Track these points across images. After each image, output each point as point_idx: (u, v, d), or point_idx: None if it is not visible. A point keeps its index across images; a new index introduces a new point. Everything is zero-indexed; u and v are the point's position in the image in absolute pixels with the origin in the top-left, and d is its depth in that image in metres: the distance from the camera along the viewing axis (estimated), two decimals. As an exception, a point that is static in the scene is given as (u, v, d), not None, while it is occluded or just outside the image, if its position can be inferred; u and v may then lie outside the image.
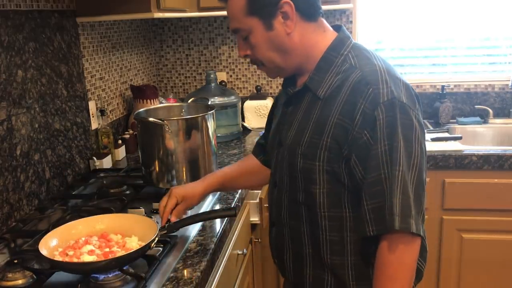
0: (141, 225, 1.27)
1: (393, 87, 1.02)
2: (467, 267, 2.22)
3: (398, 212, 0.97)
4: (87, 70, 2.03)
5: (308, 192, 1.11)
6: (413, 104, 1.04)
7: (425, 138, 1.07)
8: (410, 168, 1.00)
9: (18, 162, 1.56)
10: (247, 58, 1.18)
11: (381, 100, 1.00)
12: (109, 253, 1.16)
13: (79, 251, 1.17)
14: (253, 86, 2.84)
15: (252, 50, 1.14)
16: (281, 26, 1.09)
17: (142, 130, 1.71)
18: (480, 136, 2.56)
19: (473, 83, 2.65)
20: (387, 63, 1.10)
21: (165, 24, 2.83)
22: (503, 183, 2.11)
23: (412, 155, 1.00)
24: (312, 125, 1.09)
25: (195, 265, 1.23)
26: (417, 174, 1.01)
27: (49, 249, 1.17)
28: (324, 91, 1.09)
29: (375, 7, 2.67)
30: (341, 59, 1.10)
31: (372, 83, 1.02)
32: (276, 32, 1.09)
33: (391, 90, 1.01)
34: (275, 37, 1.10)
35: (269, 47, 1.11)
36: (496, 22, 2.59)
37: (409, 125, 1.01)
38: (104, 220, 1.30)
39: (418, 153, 1.01)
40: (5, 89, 1.51)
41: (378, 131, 0.99)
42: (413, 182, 1.00)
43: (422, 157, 1.03)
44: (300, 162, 1.10)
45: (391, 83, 1.02)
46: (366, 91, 1.01)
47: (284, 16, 1.08)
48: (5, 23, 1.51)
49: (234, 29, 1.14)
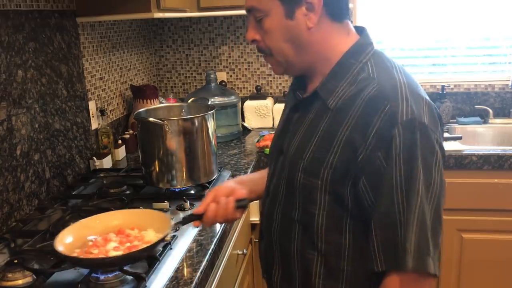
0: (154, 219, 1.25)
1: (414, 105, 0.89)
2: (467, 267, 2.22)
3: (413, 249, 0.86)
4: (87, 70, 2.03)
5: (306, 211, 0.99)
6: (435, 126, 0.92)
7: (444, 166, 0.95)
8: (428, 199, 0.88)
9: (18, 162, 1.56)
10: (254, 43, 1.05)
11: (399, 119, 0.87)
12: (132, 247, 1.16)
13: (104, 249, 1.16)
14: (253, 86, 2.84)
15: (263, 36, 1.01)
16: (303, 18, 0.97)
17: (142, 130, 1.71)
18: (480, 136, 2.56)
19: (473, 83, 2.65)
20: (410, 77, 0.97)
21: (165, 24, 2.83)
22: (503, 183, 2.11)
23: (431, 184, 0.89)
24: (318, 138, 0.98)
25: (195, 265, 1.23)
26: (435, 206, 0.90)
27: (66, 246, 1.15)
28: (336, 101, 0.97)
29: (375, 7, 2.67)
30: (359, 66, 0.97)
31: (391, 98, 0.90)
32: (296, 22, 0.97)
33: (412, 109, 0.88)
34: (293, 28, 0.98)
35: (283, 36, 0.99)
36: (496, 22, 2.59)
37: (430, 150, 0.89)
38: (117, 216, 1.30)
39: (437, 182, 0.90)
40: (5, 89, 1.51)
41: (394, 155, 0.87)
42: (431, 214, 0.89)
43: (441, 187, 0.91)
44: (300, 177, 0.99)
45: (412, 101, 0.90)
46: (383, 108, 0.89)
47: (309, 8, 0.96)
48: (5, 23, 1.51)
49: (250, 7, 1.01)
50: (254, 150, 2.26)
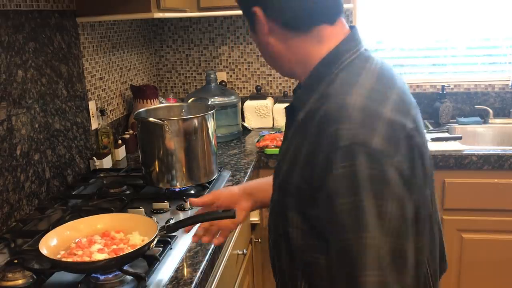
0: (141, 224, 1.27)
1: (360, 128, 0.78)
2: (467, 267, 2.22)
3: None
4: (87, 70, 2.03)
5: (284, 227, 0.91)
6: (393, 149, 0.78)
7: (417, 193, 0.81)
8: (386, 234, 0.76)
9: (18, 162, 1.56)
10: None
11: (340, 143, 0.77)
12: (118, 250, 1.17)
13: (88, 250, 1.17)
14: (253, 86, 2.84)
15: None
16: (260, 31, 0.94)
17: (142, 130, 1.71)
18: (480, 136, 2.56)
19: (473, 83, 2.65)
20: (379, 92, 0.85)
21: (165, 24, 2.83)
22: (503, 183, 2.11)
23: (385, 217, 0.76)
24: (291, 153, 0.90)
25: (195, 265, 1.23)
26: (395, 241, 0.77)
27: (50, 249, 1.17)
28: (302, 116, 0.89)
29: (375, 7, 2.67)
30: (331, 78, 0.88)
31: (335, 120, 0.79)
32: (257, 35, 0.95)
33: (354, 133, 0.77)
34: (259, 41, 0.96)
35: (261, 49, 0.98)
36: (496, 22, 2.59)
37: (378, 177, 0.77)
38: (104, 220, 1.31)
39: (394, 215, 0.77)
40: (5, 89, 1.51)
41: (336, 184, 0.77)
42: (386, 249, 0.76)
43: (401, 221, 0.78)
44: (275, 194, 0.95)
45: (359, 123, 0.78)
46: (328, 131, 0.79)
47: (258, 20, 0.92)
48: (5, 23, 1.51)
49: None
50: (254, 150, 2.26)
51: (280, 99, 2.74)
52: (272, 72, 2.81)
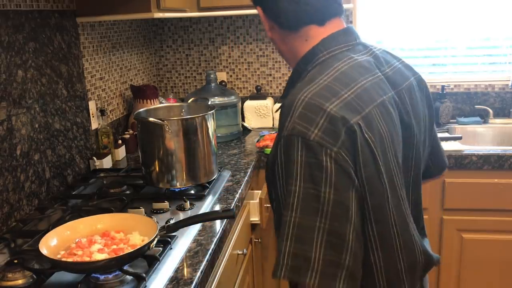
0: (141, 224, 1.27)
1: (299, 121, 0.86)
2: (467, 267, 2.22)
3: (284, 262, 0.83)
4: (87, 70, 2.03)
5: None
6: (331, 140, 0.84)
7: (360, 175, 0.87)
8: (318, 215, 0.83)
9: (18, 162, 1.56)
10: None
11: (283, 133, 0.88)
12: (118, 250, 1.17)
13: (88, 250, 1.17)
14: (253, 86, 2.84)
15: None
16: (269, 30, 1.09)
17: (142, 130, 1.71)
18: (480, 136, 2.56)
19: (473, 83, 2.65)
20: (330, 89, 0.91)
21: (165, 24, 2.83)
22: (503, 183, 2.11)
23: (319, 200, 0.83)
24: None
25: (195, 265, 1.23)
26: (330, 223, 0.83)
27: (50, 249, 1.17)
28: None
29: (375, 7, 2.67)
30: (305, 74, 0.99)
31: (285, 114, 0.90)
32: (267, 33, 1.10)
33: (293, 126, 0.86)
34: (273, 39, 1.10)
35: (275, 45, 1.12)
36: (496, 22, 2.59)
37: (315, 165, 0.83)
38: (104, 220, 1.31)
39: (330, 199, 0.83)
40: (5, 89, 1.51)
41: (277, 167, 0.89)
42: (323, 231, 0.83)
43: (337, 205, 0.84)
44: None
45: (300, 117, 0.86)
46: (281, 122, 0.90)
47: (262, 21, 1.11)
48: (5, 23, 1.51)
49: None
50: (254, 150, 2.26)
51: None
52: (272, 72, 2.82)
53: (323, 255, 0.83)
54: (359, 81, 0.94)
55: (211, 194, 1.71)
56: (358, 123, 0.88)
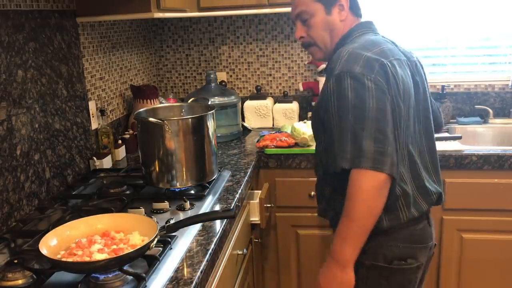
0: (141, 224, 1.27)
1: (345, 63, 1.29)
2: (467, 267, 2.22)
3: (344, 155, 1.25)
4: (87, 70, 2.03)
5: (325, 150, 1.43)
6: (369, 71, 1.27)
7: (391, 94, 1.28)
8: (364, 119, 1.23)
9: (18, 162, 1.56)
10: (302, 39, 1.51)
11: (334, 72, 1.30)
12: (118, 250, 1.17)
13: (88, 250, 1.17)
14: (253, 86, 2.84)
15: (309, 31, 1.48)
16: (337, 14, 1.46)
17: (142, 130, 1.71)
18: (480, 136, 2.56)
19: (473, 83, 2.65)
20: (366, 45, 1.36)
21: (165, 24, 2.83)
22: (503, 183, 2.11)
23: (365, 109, 1.24)
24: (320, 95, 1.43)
25: (195, 265, 1.23)
26: (375, 122, 1.23)
27: (50, 249, 1.17)
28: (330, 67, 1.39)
29: (375, 7, 2.67)
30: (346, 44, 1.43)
31: (335, 61, 1.33)
32: (332, 17, 1.46)
33: (342, 66, 1.29)
34: (331, 21, 1.46)
35: (324, 27, 1.46)
36: (496, 22, 2.59)
37: (360, 87, 1.25)
38: (104, 220, 1.31)
39: (373, 106, 1.24)
40: (5, 89, 1.51)
41: (331, 97, 1.29)
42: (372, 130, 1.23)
43: (378, 108, 1.24)
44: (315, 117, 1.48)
45: (346, 61, 1.30)
46: (331, 68, 1.33)
47: (340, 8, 1.45)
48: (5, 23, 1.51)
49: (299, 12, 1.47)
50: (254, 150, 2.26)
51: (280, 99, 2.74)
52: (272, 72, 2.82)
53: (373, 147, 1.22)
54: (383, 44, 1.39)
55: (211, 194, 1.71)
56: (386, 62, 1.31)
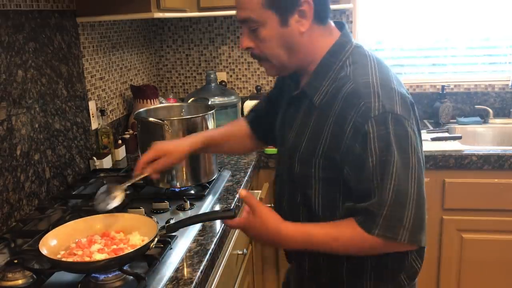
0: (141, 224, 1.27)
1: (385, 100, 1.00)
2: (467, 267, 2.22)
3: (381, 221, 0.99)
4: (87, 70, 2.03)
5: (305, 194, 1.15)
6: (408, 114, 1.03)
7: (422, 147, 1.07)
8: (409, 179, 0.99)
9: (18, 162, 1.56)
10: (249, 50, 1.14)
11: (372, 114, 0.99)
12: (118, 250, 1.17)
13: (88, 250, 1.17)
14: (253, 86, 2.84)
15: (259, 44, 1.10)
16: (296, 24, 1.06)
17: (142, 130, 1.71)
18: (480, 136, 2.56)
19: (473, 83, 2.65)
20: (385, 72, 1.07)
21: (165, 24, 2.83)
22: (503, 183, 2.11)
23: (409, 166, 1.00)
24: (309, 132, 1.11)
25: (195, 265, 1.23)
26: (417, 183, 1.00)
27: (50, 249, 1.17)
28: (320, 98, 1.09)
29: (375, 7, 2.67)
30: (339, 65, 1.08)
31: (364, 96, 1.01)
32: (290, 29, 1.07)
33: (383, 104, 1.00)
34: (288, 34, 1.07)
35: (279, 43, 1.08)
36: (496, 22, 2.59)
37: (404, 136, 1.00)
38: (104, 220, 1.31)
39: (415, 163, 1.01)
40: (5, 89, 1.51)
41: (369, 145, 0.99)
42: (413, 193, 1.00)
43: (420, 167, 1.02)
44: (297, 167, 1.14)
45: (383, 97, 1.01)
46: (357, 105, 1.01)
47: (301, 15, 1.06)
48: (5, 23, 1.51)
49: (245, 18, 1.09)
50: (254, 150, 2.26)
51: (280, 99, 2.74)
52: (272, 72, 2.81)
53: (413, 214, 0.99)
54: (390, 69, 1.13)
55: (211, 194, 1.71)
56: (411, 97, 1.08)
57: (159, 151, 1.31)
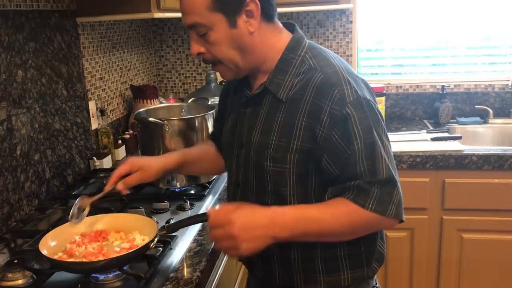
0: (141, 224, 1.27)
1: (356, 87, 1.05)
2: (467, 267, 2.22)
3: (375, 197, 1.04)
4: (87, 70, 2.03)
5: (278, 194, 1.12)
6: (374, 98, 1.10)
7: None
8: (391, 158, 1.08)
9: (18, 162, 1.56)
10: (200, 56, 1.12)
11: (347, 100, 1.03)
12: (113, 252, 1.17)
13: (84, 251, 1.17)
14: (253, 86, 2.83)
15: (210, 48, 1.10)
16: (244, 25, 1.07)
17: (142, 130, 1.71)
18: (480, 136, 2.56)
19: (473, 83, 2.65)
20: (344, 62, 1.13)
21: (165, 24, 2.83)
22: (503, 183, 2.11)
23: (387, 146, 1.08)
24: (278, 128, 1.09)
25: (195, 265, 1.23)
26: (394, 163, 1.09)
27: (50, 249, 1.17)
28: (286, 93, 1.09)
29: (375, 7, 2.67)
30: (299, 60, 1.11)
31: (336, 84, 1.04)
32: (239, 30, 1.07)
33: (355, 90, 1.04)
34: (238, 35, 1.07)
35: (230, 45, 1.08)
36: (496, 22, 2.59)
37: (377, 118, 1.06)
38: (104, 220, 1.31)
39: (387, 144, 1.09)
40: (5, 89, 1.51)
41: (352, 129, 1.02)
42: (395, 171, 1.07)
43: (390, 147, 1.10)
44: (269, 165, 1.10)
45: (353, 83, 1.05)
46: (331, 93, 1.03)
47: (249, 15, 1.06)
48: (5, 23, 1.51)
49: (192, 24, 1.08)
50: (254, 150, 2.25)
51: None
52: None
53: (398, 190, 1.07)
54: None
55: (211, 194, 1.71)
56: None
57: (133, 166, 1.28)
